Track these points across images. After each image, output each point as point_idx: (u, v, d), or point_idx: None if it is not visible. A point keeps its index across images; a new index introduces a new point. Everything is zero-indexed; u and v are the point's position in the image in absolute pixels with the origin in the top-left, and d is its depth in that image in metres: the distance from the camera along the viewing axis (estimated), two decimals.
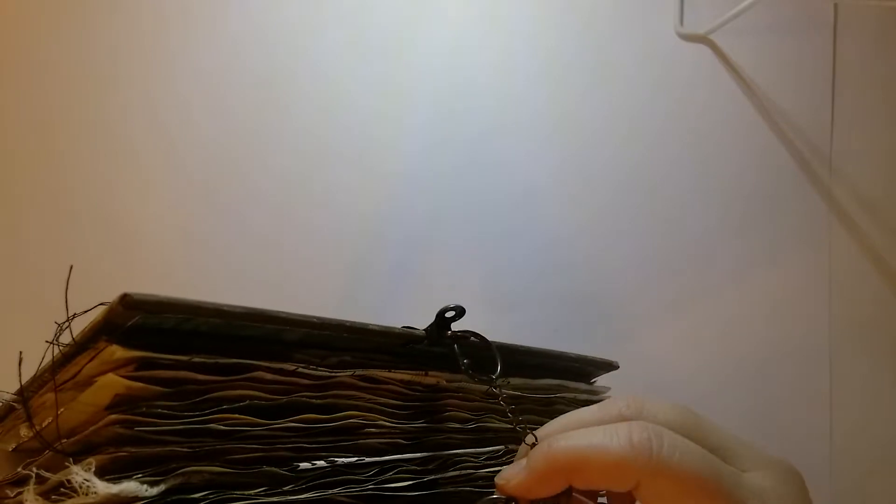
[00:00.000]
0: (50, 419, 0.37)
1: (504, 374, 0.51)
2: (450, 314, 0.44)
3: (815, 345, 1.07)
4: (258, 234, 0.99)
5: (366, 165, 1.02)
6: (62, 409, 0.37)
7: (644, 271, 1.06)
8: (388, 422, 0.44)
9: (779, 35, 1.12)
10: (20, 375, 0.40)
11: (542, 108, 1.07)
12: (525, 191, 1.05)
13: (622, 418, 0.39)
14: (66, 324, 0.37)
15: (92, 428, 0.34)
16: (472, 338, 0.46)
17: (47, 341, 0.37)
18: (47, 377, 0.38)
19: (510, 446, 0.51)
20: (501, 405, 0.44)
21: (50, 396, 0.38)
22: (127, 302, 0.32)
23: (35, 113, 0.96)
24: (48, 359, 0.38)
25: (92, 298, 0.88)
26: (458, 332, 0.45)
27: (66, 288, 0.38)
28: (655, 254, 1.06)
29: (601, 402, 0.41)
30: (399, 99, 1.04)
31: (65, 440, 0.36)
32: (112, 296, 0.35)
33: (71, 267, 0.40)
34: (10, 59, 0.96)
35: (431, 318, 0.46)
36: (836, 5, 1.11)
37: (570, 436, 0.38)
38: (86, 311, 0.37)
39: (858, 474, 1.05)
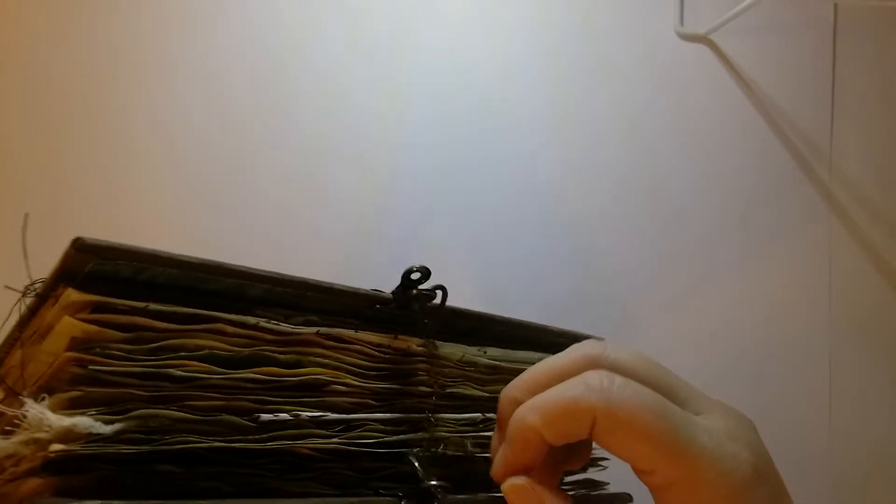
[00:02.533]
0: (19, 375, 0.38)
1: (480, 342, 0.52)
2: (415, 275, 0.45)
3: (815, 344, 1.07)
4: (258, 234, 0.99)
5: (365, 165, 1.03)
6: (29, 363, 0.38)
7: (644, 271, 1.06)
8: (355, 381, 0.44)
9: (779, 35, 1.12)
10: None
11: (542, 108, 1.07)
12: (525, 190, 1.05)
13: (586, 359, 0.41)
14: (33, 284, 0.38)
15: (49, 371, 0.35)
16: (437, 290, 0.46)
17: (8, 286, 0.37)
18: (16, 335, 0.39)
19: (487, 414, 0.51)
20: (439, 368, 0.45)
21: (19, 354, 0.38)
22: (80, 245, 0.33)
23: (35, 113, 0.97)
24: (16, 317, 0.39)
25: None
26: (424, 290, 0.46)
27: (24, 238, 0.39)
28: (655, 253, 1.06)
29: (567, 349, 0.42)
30: (398, 98, 1.05)
31: (28, 389, 0.37)
32: None
33: (27, 215, 0.40)
34: (10, 59, 0.97)
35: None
36: (835, 5, 1.12)
37: (534, 403, 0.40)
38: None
39: (857, 473, 1.05)
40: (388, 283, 1.00)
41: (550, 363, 0.42)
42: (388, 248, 1.02)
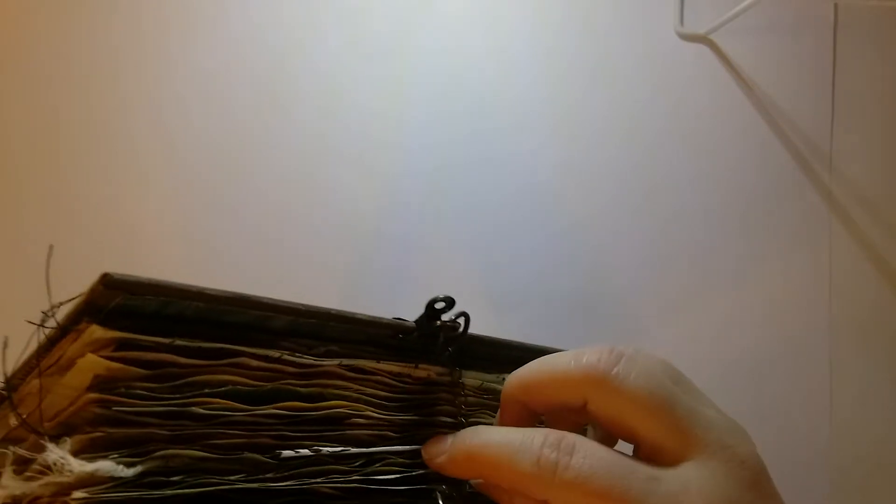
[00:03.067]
0: (37, 403, 0.37)
1: (498, 369, 0.51)
2: (439, 305, 0.44)
3: (815, 344, 1.07)
4: (258, 234, 0.99)
5: (365, 164, 1.02)
6: (47, 395, 0.37)
7: (644, 271, 1.06)
8: (375, 413, 0.43)
9: (779, 35, 1.12)
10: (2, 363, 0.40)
11: (542, 108, 1.07)
12: (525, 190, 1.05)
13: (586, 374, 0.40)
14: (52, 310, 0.37)
15: (71, 408, 0.34)
16: (459, 323, 0.46)
17: (29, 321, 0.37)
18: (33, 363, 0.38)
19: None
20: (462, 397, 0.44)
21: (36, 383, 0.38)
22: (108, 282, 0.32)
23: (35, 113, 0.96)
24: (34, 345, 0.38)
25: None
26: (448, 321, 0.45)
27: (47, 270, 0.38)
28: (655, 253, 1.06)
29: (578, 352, 0.41)
30: (399, 98, 1.04)
31: (47, 423, 0.36)
32: None
33: (51, 247, 0.40)
34: (11, 59, 0.97)
35: None
36: (836, 5, 1.11)
37: (483, 435, 0.41)
38: (71, 300, 0.37)
39: (857, 473, 1.05)
40: (388, 282, 1.00)
41: (553, 369, 0.42)
42: (387, 248, 1.02)
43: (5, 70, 0.96)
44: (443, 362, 0.46)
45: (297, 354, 0.40)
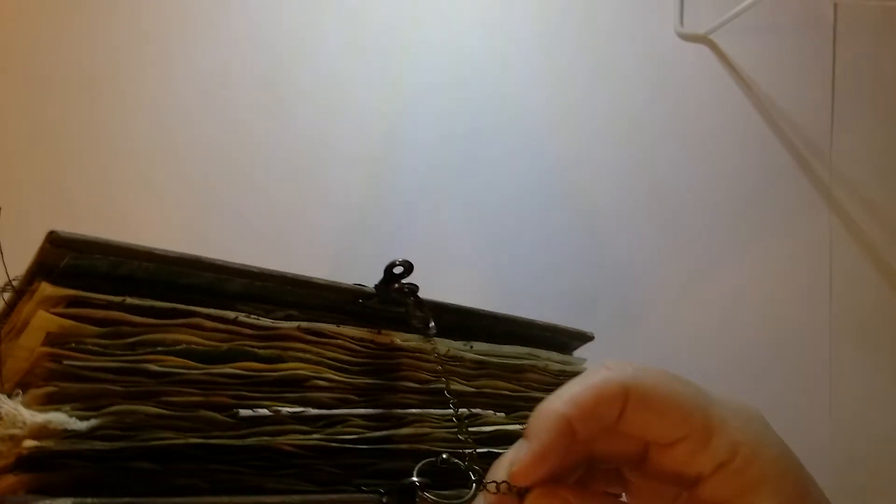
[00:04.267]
0: None
1: (465, 337, 0.52)
2: (398, 269, 0.45)
3: (816, 344, 1.07)
4: (258, 233, 0.99)
5: (365, 164, 1.03)
6: (8, 360, 0.37)
7: (643, 271, 1.06)
8: (337, 376, 0.44)
9: (779, 35, 1.12)
10: None
11: (542, 107, 1.07)
12: (525, 188, 1.05)
13: (622, 383, 0.38)
14: (11, 282, 0.38)
15: (25, 365, 0.35)
16: (417, 286, 0.46)
17: None
18: None
19: (473, 410, 0.51)
20: (439, 367, 0.44)
21: None
22: (55, 240, 0.33)
23: (35, 113, 0.97)
24: None
25: None
26: (407, 284, 0.46)
27: None
28: (655, 252, 1.06)
29: (606, 365, 0.41)
30: (399, 98, 1.05)
31: (7, 385, 0.36)
32: None
33: None
34: (11, 59, 0.97)
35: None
36: (835, 5, 1.12)
37: (559, 393, 0.38)
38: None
39: (857, 472, 1.04)
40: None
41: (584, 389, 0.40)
42: (388, 248, 1.02)
43: (5, 70, 0.97)
44: (410, 328, 0.46)
45: (254, 317, 0.40)
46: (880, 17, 1.13)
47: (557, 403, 0.37)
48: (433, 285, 1.00)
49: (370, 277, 1.00)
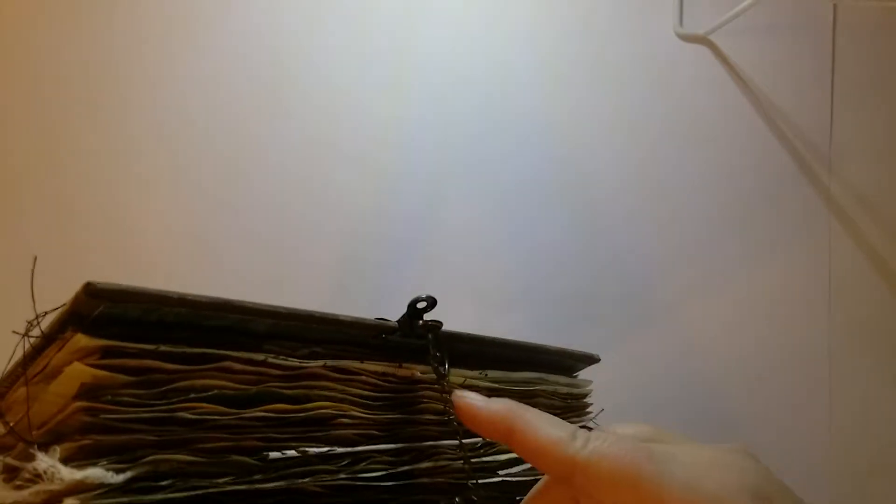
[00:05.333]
0: (23, 413, 0.38)
1: (478, 363, 0.52)
2: (421, 304, 0.45)
3: (815, 344, 1.07)
4: (259, 233, 0.99)
5: (366, 165, 1.03)
6: (34, 402, 0.37)
7: (642, 272, 1.06)
8: (360, 412, 0.44)
9: (778, 35, 1.12)
10: None
11: (541, 108, 1.07)
12: (525, 191, 1.05)
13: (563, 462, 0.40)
14: (37, 320, 0.38)
15: (59, 416, 0.35)
16: (441, 322, 0.47)
17: (14, 331, 0.37)
18: (19, 371, 0.39)
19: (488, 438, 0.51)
20: (448, 395, 0.44)
21: (23, 391, 0.38)
22: (91, 291, 0.33)
23: (35, 113, 0.97)
24: (19, 353, 0.39)
25: None
26: (430, 321, 0.46)
27: (32, 281, 0.39)
28: (654, 254, 1.06)
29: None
30: (399, 99, 1.05)
31: (35, 432, 0.36)
32: None
33: (35, 258, 0.40)
34: (11, 59, 0.97)
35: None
36: (835, 6, 1.11)
37: (531, 410, 0.41)
38: (56, 309, 0.37)
39: (857, 474, 1.05)
40: (388, 282, 1.00)
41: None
42: (388, 248, 1.02)
43: (6, 70, 0.97)
44: (430, 361, 0.47)
45: (282, 357, 0.41)
46: (880, 17, 1.13)
47: (522, 420, 0.40)
48: (432, 285, 1.01)
49: (367, 276, 1.00)
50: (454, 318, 0.99)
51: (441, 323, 0.47)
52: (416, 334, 0.46)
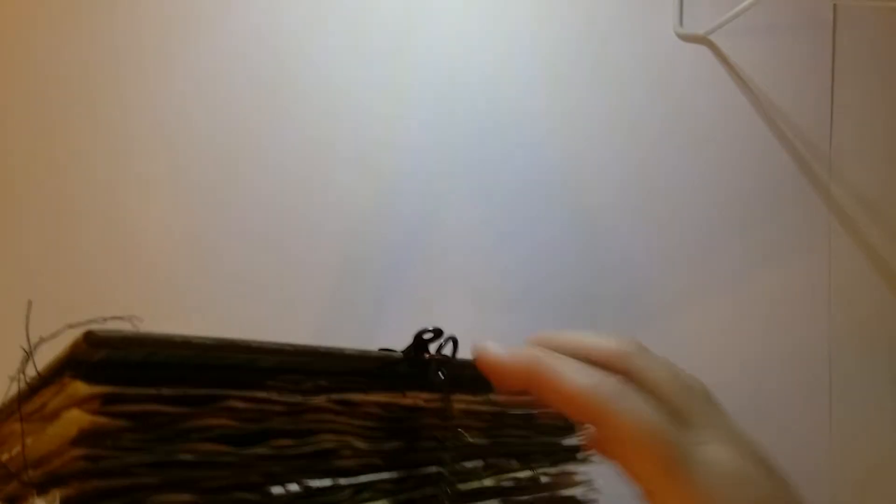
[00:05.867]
0: (18, 448, 0.37)
1: (484, 387, 0.52)
2: (427, 335, 0.45)
3: (815, 345, 1.07)
4: (258, 234, 0.99)
5: (366, 165, 1.03)
6: (29, 439, 0.37)
7: (643, 273, 1.06)
8: (363, 444, 0.43)
9: (778, 35, 1.12)
10: None
11: (541, 109, 1.07)
12: (524, 191, 1.05)
13: (616, 354, 0.44)
14: (31, 354, 0.37)
15: (57, 462, 0.34)
16: (448, 355, 0.46)
17: (11, 377, 0.37)
18: (14, 408, 0.38)
19: (489, 460, 0.51)
20: (451, 421, 0.45)
21: (17, 425, 0.38)
22: (92, 340, 0.32)
23: (35, 113, 0.97)
24: (14, 388, 0.38)
25: (91, 300, 0.90)
26: (436, 355, 0.46)
27: (27, 322, 0.38)
28: (654, 255, 1.06)
29: (601, 336, 0.45)
30: (399, 99, 1.05)
31: (31, 471, 0.36)
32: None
33: (30, 302, 0.40)
34: (11, 59, 0.97)
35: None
36: (835, 6, 1.11)
37: (558, 358, 0.43)
38: (53, 336, 0.37)
39: (858, 475, 1.05)
40: (388, 283, 1.00)
41: (584, 339, 0.46)
42: (387, 249, 1.02)
43: (5, 70, 0.97)
44: (434, 389, 0.46)
45: (285, 393, 0.40)
46: (880, 17, 1.12)
47: (547, 371, 0.42)
48: (431, 286, 1.01)
49: (367, 276, 1.00)
50: (454, 318, 0.99)
51: (449, 357, 0.47)
52: (423, 367, 0.46)
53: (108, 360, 0.34)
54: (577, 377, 0.41)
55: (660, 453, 0.38)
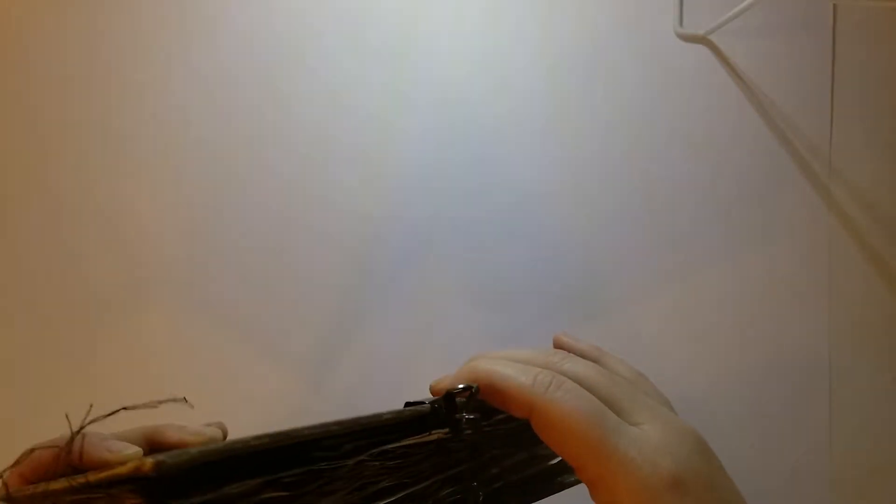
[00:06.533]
0: None
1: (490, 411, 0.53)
2: (459, 397, 0.46)
3: (815, 345, 1.08)
4: (259, 235, 1.00)
5: (366, 166, 1.03)
6: None
7: (643, 272, 1.07)
8: (391, 482, 0.45)
9: (778, 35, 1.11)
10: None
11: (541, 109, 1.07)
12: (524, 190, 1.05)
13: (546, 362, 0.47)
14: (79, 432, 0.37)
15: None
16: (477, 416, 0.48)
17: (64, 480, 0.36)
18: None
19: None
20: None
21: None
22: (163, 470, 0.32)
23: (34, 113, 0.97)
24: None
25: (92, 300, 0.90)
26: (468, 418, 0.47)
27: (86, 417, 0.38)
28: (654, 254, 1.07)
29: (526, 368, 0.46)
30: (399, 100, 1.04)
31: None
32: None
33: (91, 406, 0.39)
34: (10, 59, 0.97)
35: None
36: (835, 5, 1.11)
37: (495, 361, 0.46)
38: (108, 415, 0.37)
39: (858, 475, 1.06)
40: (388, 283, 1.00)
41: (522, 351, 0.49)
42: (388, 249, 1.02)
43: (5, 70, 0.97)
44: (461, 436, 0.48)
45: (330, 463, 0.41)
46: (880, 17, 1.12)
47: (485, 374, 0.46)
48: (430, 287, 1.01)
49: (368, 277, 1.00)
50: (455, 318, 0.99)
51: (478, 418, 0.48)
52: (455, 425, 0.47)
53: (170, 479, 0.34)
54: (515, 374, 0.44)
55: (588, 431, 0.41)
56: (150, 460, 0.32)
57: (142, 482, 0.33)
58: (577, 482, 0.50)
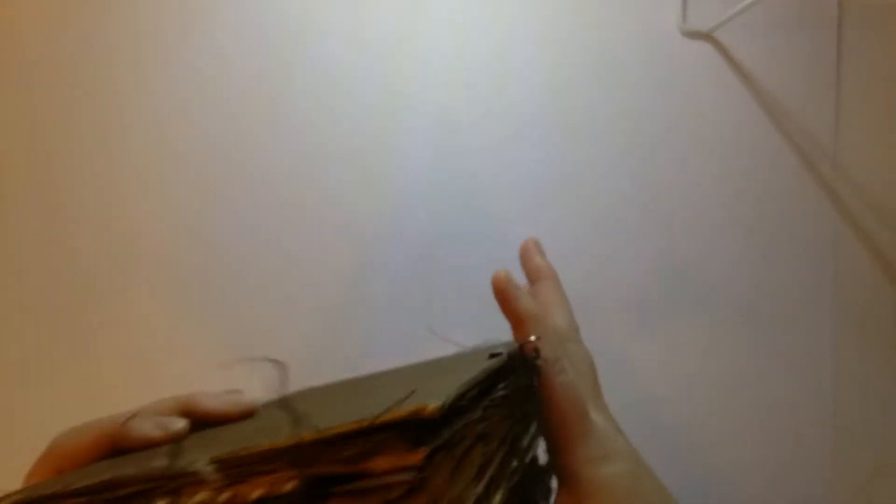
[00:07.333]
0: None
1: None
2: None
3: (818, 344, 1.07)
4: (259, 234, 0.99)
5: (368, 166, 1.02)
6: None
7: (645, 271, 1.06)
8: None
9: (782, 32, 1.11)
10: None
11: (544, 106, 1.07)
12: (526, 189, 1.05)
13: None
14: None
15: None
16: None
17: None
18: None
19: None
20: None
21: None
22: (443, 412, 0.32)
23: (33, 113, 0.96)
24: None
25: (91, 299, 0.89)
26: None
27: None
28: (658, 252, 1.06)
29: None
30: (400, 100, 1.04)
31: None
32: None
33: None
34: (10, 59, 0.97)
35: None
36: (839, 2, 1.11)
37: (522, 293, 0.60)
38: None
39: (861, 474, 1.06)
40: (391, 283, 1.00)
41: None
42: (391, 248, 1.02)
43: (4, 70, 0.96)
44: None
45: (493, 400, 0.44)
46: (885, 13, 1.12)
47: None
48: (434, 286, 1.01)
49: (370, 276, 1.00)
50: (455, 318, 0.99)
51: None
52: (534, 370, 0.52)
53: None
54: (529, 304, 0.57)
55: (576, 405, 0.51)
56: (430, 406, 0.32)
57: (412, 425, 0.33)
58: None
